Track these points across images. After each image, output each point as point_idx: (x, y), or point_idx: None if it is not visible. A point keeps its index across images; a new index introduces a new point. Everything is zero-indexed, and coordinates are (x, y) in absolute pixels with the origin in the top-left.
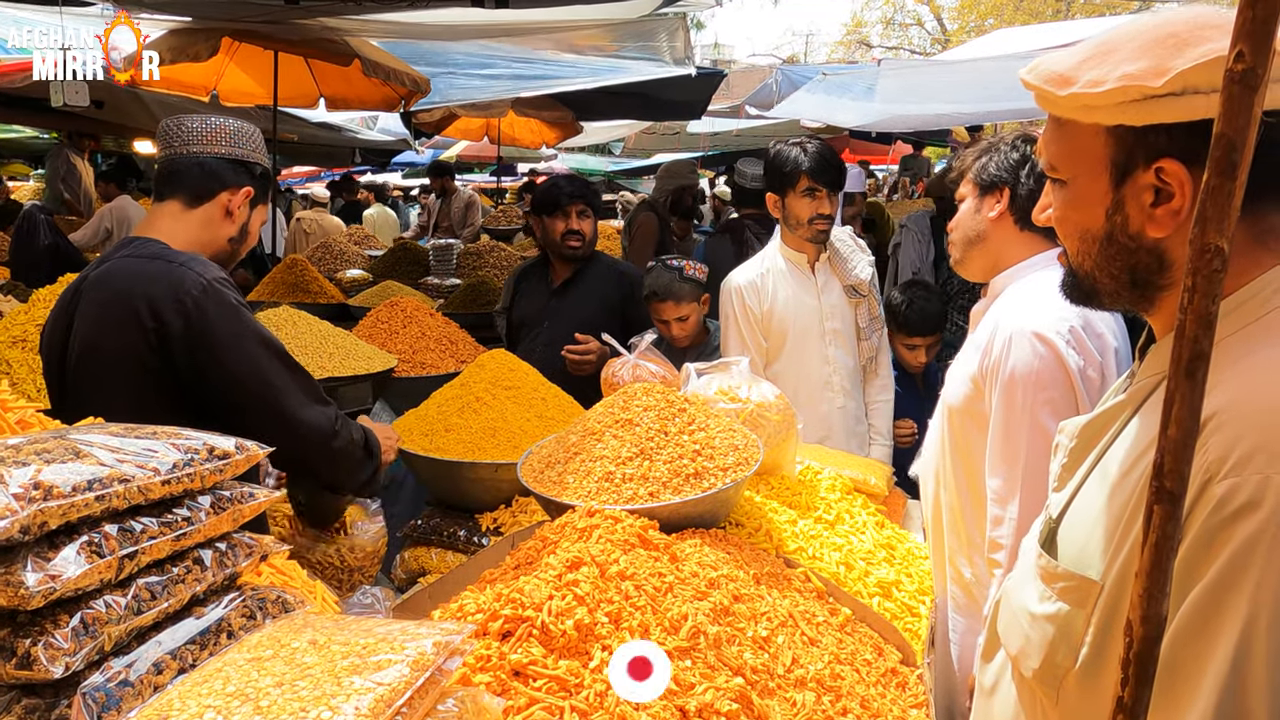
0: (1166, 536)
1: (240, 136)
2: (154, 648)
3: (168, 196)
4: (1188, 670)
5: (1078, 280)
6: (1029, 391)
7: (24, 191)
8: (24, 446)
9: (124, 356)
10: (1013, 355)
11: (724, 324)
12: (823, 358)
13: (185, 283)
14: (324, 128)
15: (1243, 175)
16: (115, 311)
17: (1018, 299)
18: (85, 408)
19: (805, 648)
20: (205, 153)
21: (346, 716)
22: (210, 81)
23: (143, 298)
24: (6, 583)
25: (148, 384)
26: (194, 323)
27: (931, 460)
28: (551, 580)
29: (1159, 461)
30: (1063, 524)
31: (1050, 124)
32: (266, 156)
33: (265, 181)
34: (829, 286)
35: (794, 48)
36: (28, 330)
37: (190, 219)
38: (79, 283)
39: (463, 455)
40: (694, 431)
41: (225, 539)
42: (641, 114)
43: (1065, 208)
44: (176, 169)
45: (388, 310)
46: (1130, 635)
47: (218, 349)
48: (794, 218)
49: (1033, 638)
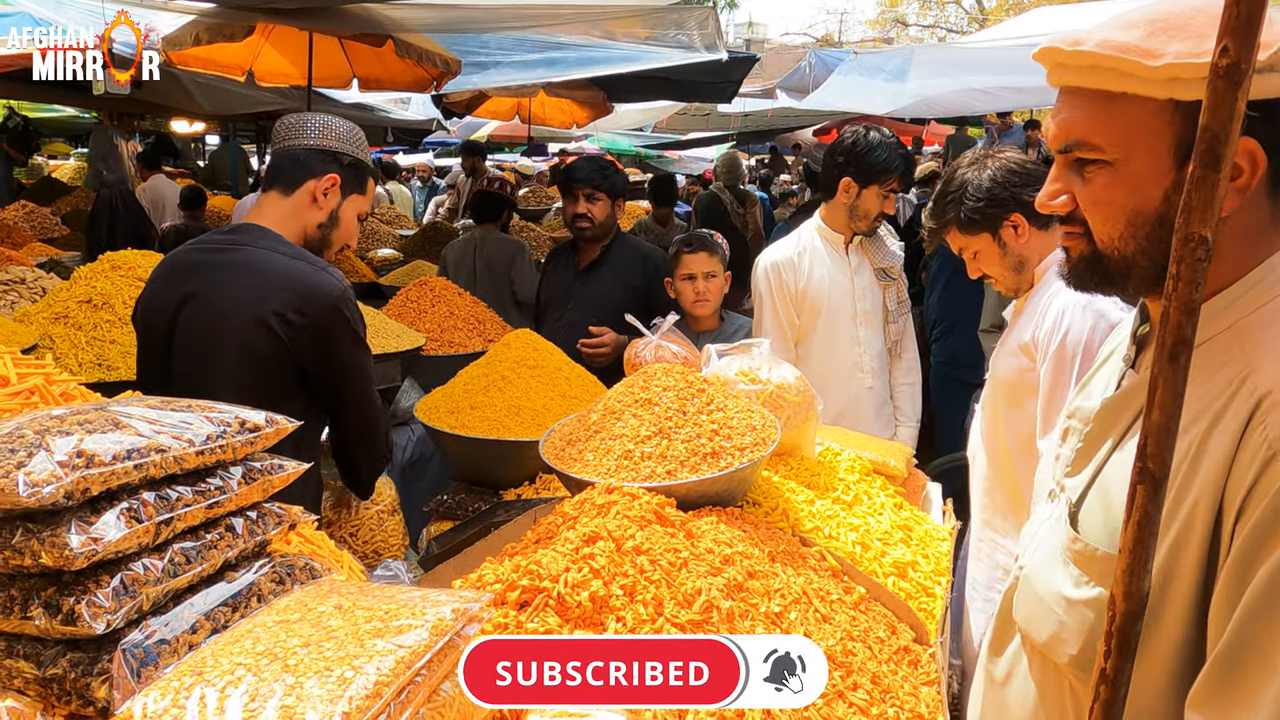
0: (1148, 516)
1: (329, 129)
2: (189, 609)
3: (270, 187)
4: (1261, 645)
5: (1105, 264)
6: (1080, 360)
7: (64, 170)
8: (68, 417)
9: (252, 339)
10: (1068, 326)
11: (757, 302)
12: (853, 338)
13: (325, 287)
14: (357, 108)
15: (1226, 167)
16: (254, 296)
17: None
18: (197, 375)
19: (818, 624)
20: (296, 145)
21: (369, 676)
22: (246, 62)
23: (286, 291)
24: (52, 544)
25: (265, 364)
26: (325, 324)
27: (979, 437)
28: (569, 553)
29: (1142, 444)
30: (1085, 508)
31: (1096, 101)
32: (361, 149)
33: (355, 170)
34: (861, 268)
35: (828, 26)
36: (69, 307)
37: (284, 206)
38: (192, 261)
39: (487, 433)
40: (712, 411)
41: (256, 508)
42: (673, 96)
43: (1110, 189)
44: (276, 161)
45: (417, 290)
46: (1113, 609)
47: (338, 351)
48: (863, 209)
49: (1069, 623)
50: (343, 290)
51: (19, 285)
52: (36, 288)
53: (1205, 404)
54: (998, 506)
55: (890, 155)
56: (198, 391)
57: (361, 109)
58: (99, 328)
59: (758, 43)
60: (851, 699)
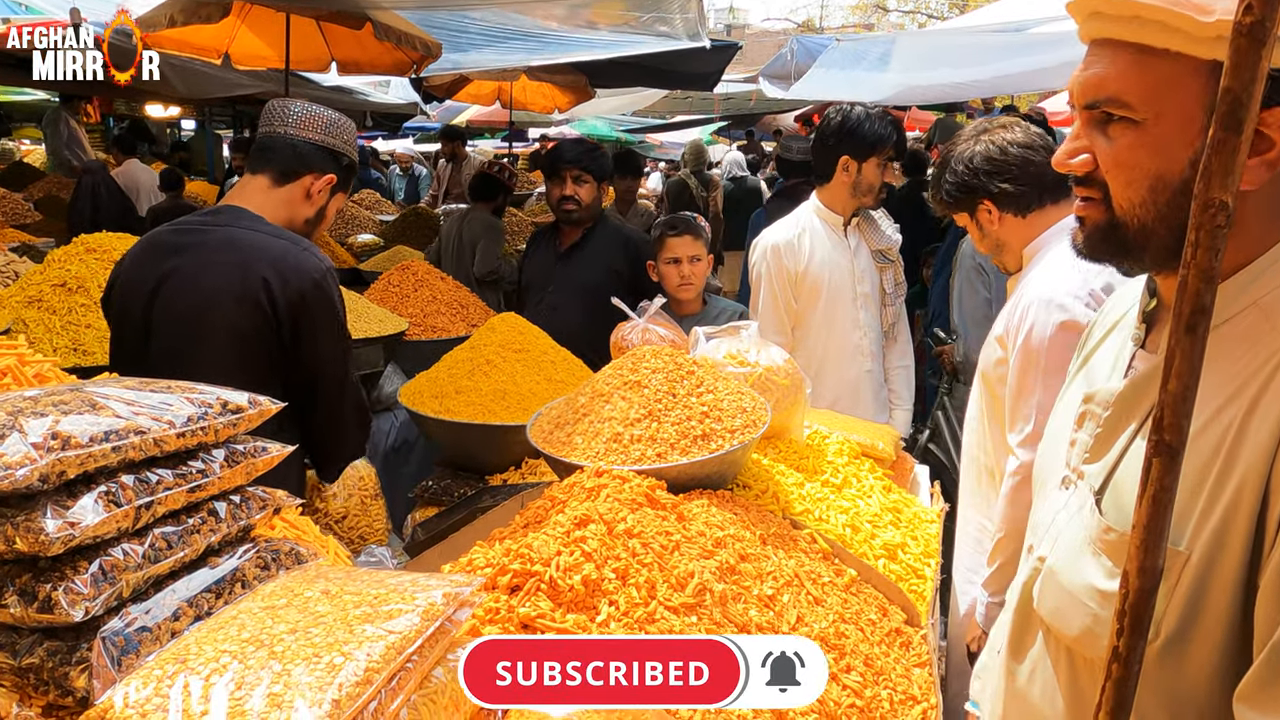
0: (1164, 489)
1: (335, 127)
2: (171, 595)
3: (259, 171)
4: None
5: (1121, 233)
6: (1044, 356)
7: (36, 156)
8: (42, 398)
9: (235, 317)
10: (1032, 321)
11: (755, 284)
12: (854, 321)
13: (306, 266)
14: (337, 91)
15: (1248, 130)
16: (237, 274)
17: (1041, 267)
18: (175, 359)
19: (810, 607)
20: (299, 136)
21: (359, 663)
22: (222, 44)
23: (269, 269)
24: (27, 529)
25: (248, 344)
26: (308, 303)
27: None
28: (560, 537)
29: (1159, 415)
30: (1109, 494)
31: (1131, 56)
32: (356, 150)
33: (349, 172)
34: (860, 250)
35: (810, 11)
36: (43, 290)
37: (275, 195)
38: (170, 242)
39: (473, 417)
40: (702, 394)
41: (239, 492)
42: (655, 84)
43: (1134, 150)
44: (272, 145)
45: (399, 274)
46: (1126, 586)
47: (316, 332)
48: (866, 183)
49: (1104, 616)
50: (326, 269)
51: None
52: (9, 272)
53: (1239, 384)
54: (983, 491)
55: (881, 125)
56: (177, 375)
57: (341, 91)
58: (74, 312)
59: (739, 28)
60: (845, 681)
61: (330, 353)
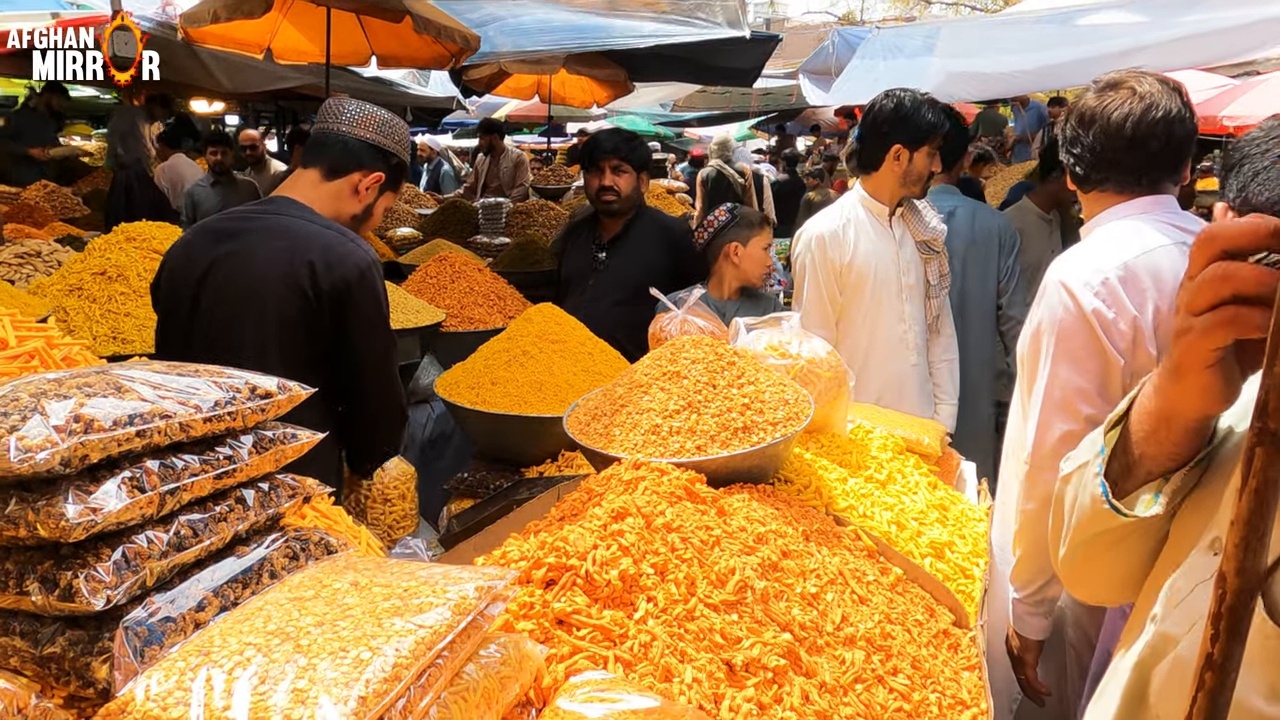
0: (1268, 482)
1: (387, 127)
2: (195, 585)
3: (311, 165)
4: None
5: None
6: (1050, 341)
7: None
8: (66, 380)
9: (281, 301)
10: (1043, 304)
11: (798, 275)
12: (899, 314)
13: (353, 256)
14: (376, 83)
15: None
16: (284, 259)
17: (1071, 250)
18: (219, 343)
19: (855, 606)
20: (352, 134)
21: (387, 658)
22: (264, 39)
23: (316, 255)
24: (48, 514)
25: (290, 330)
26: (351, 292)
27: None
28: (596, 530)
29: (1263, 400)
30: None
31: None
32: (407, 151)
33: (399, 172)
34: (904, 241)
35: (850, 4)
36: (83, 279)
37: (324, 189)
38: (222, 228)
39: (509, 408)
40: (743, 385)
41: (268, 479)
42: (694, 79)
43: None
44: (325, 141)
45: (437, 265)
46: (1223, 588)
47: (359, 322)
48: (916, 172)
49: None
50: (372, 260)
51: (34, 258)
52: (52, 260)
53: None
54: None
55: (934, 113)
56: (218, 359)
57: (380, 84)
58: (113, 300)
59: (778, 21)
60: (892, 684)
61: (372, 346)
